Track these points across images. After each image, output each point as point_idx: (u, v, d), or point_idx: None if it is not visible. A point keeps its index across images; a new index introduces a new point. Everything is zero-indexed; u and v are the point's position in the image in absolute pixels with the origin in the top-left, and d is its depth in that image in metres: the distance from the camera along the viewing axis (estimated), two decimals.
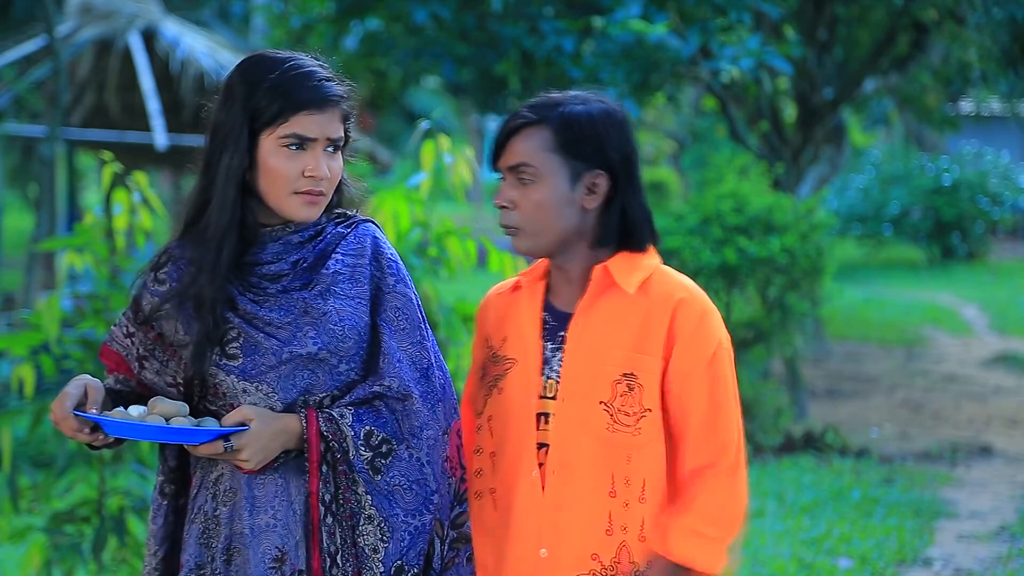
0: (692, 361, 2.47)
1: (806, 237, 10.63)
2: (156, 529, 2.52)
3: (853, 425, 9.61)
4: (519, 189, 2.50)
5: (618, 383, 2.46)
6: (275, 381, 2.43)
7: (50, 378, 4.29)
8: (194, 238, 2.48)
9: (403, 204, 4.29)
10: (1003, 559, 6.40)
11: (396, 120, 27.18)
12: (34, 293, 10.81)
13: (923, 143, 24.37)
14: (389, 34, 11.13)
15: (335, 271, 2.48)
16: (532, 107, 2.51)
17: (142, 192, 4.35)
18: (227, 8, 19.89)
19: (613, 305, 2.50)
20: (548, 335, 2.54)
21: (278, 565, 2.41)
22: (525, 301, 2.58)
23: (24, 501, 4.43)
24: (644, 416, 2.46)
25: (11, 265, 18.33)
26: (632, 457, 2.46)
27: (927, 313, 16.00)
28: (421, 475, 2.45)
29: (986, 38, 10.99)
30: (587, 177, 2.49)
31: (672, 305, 2.48)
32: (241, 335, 2.42)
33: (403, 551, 2.42)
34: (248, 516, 2.43)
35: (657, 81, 9.53)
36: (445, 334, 4.27)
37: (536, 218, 2.49)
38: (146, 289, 2.51)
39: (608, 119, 2.50)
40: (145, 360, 2.50)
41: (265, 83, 2.42)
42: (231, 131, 2.42)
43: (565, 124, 2.48)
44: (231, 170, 2.42)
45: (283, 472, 2.44)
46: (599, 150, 2.48)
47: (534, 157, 2.48)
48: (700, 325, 2.49)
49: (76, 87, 12.96)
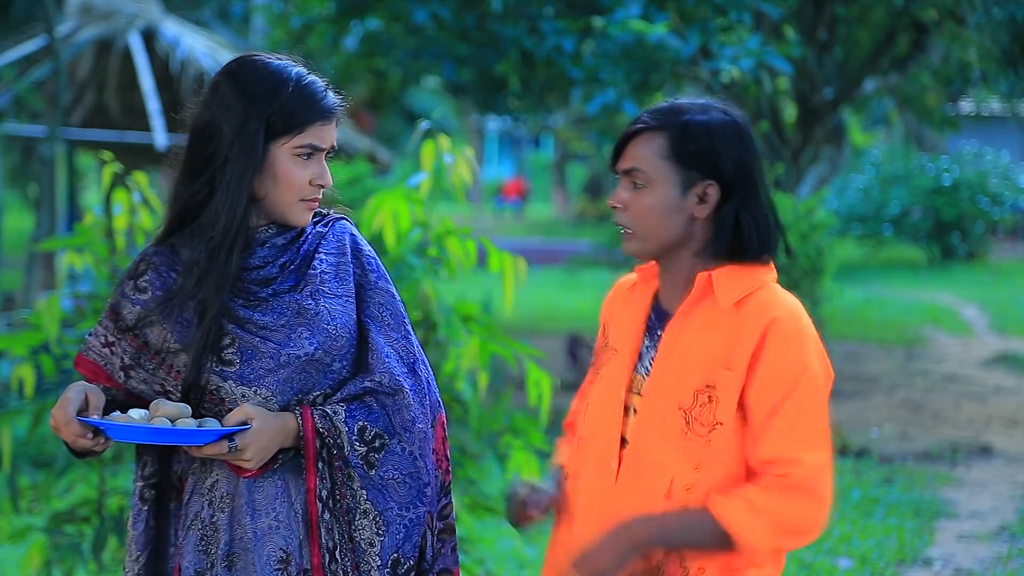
0: (771, 380, 2.43)
1: (806, 237, 10.64)
2: (137, 535, 2.52)
3: (853, 425, 9.61)
4: (631, 192, 2.53)
5: (700, 392, 2.47)
6: (273, 384, 2.44)
7: (50, 378, 4.29)
8: (185, 242, 2.47)
9: (403, 204, 4.28)
10: (1003, 559, 6.40)
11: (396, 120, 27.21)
12: (34, 293, 10.81)
13: (923, 143, 24.39)
14: (389, 34, 11.13)
15: (321, 271, 2.50)
16: (654, 113, 2.54)
17: (142, 192, 4.35)
18: (227, 8, 19.88)
19: (708, 314, 2.50)
20: (648, 332, 2.58)
21: (283, 566, 2.43)
22: (636, 296, 2.63)
23: (24, 501, 4.43)
24: (715, 429, 2.46)
25: (11, 265, 18.33)
26: (701, 466, 2.46)
27: (927, 313, 16.00)
28: (414, 468, 2.48)
29: (986, 38, 10.99)
30: (698, 186, 2.50)
31: (764, 323, 2.46)
32: (236, 341, 2.43)
33: (399, 544, 2.46)
34: (250, 521, 2.43)
35: (657, 81, 9.53)
36: (445, 334, 4.27)
37: (644, 222, 2.52)
38: (125, 297, 2.49)
39: (728, 130, 2.51)
40: (131, 369, 2.49)
41: (281, 95, 2.44)
42: (242, 139, 2.42)
43: (682, 133, 2.49)
44: (244, 179, 2.43)
45: (281, 473, 2.45)
46: (713, 160, 2.49)
47: (647, 163, 2.51)
48: (789, 347, 2.45)
49: (76, 87, 12.96)
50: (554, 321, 15.26)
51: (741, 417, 2.46)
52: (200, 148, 2.46)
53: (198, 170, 2.46)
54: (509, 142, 45.84)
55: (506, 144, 46.67)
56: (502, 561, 5.94)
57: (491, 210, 37.41)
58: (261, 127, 2.43)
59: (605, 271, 18.63)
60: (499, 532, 6.44)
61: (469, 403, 4.34)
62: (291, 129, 2.44)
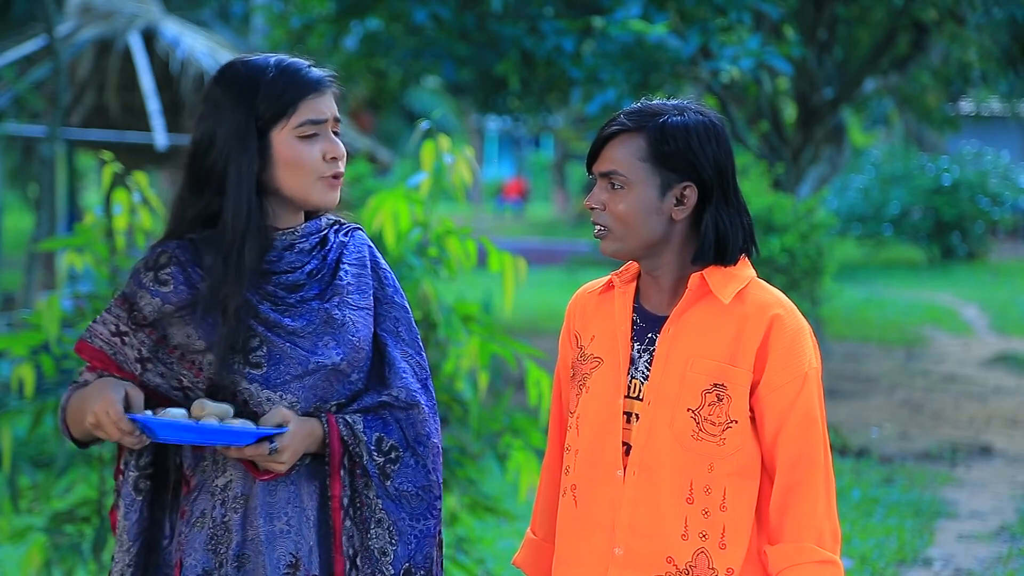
0: (783, 378, 2.48)
1: (806, 237, 10.65)
2: (130, 525, 2.50)
3: (853, 425, 9.61)
4: (609, 193, 2.52)
5: (708, 393, 2.48)
6: (299, 390, 2.44)
7: (50, 378, 4.28)
8: (206, 244, 2.46)
9: (403, 204, 4.28)
10: (1003, 559, 6.41)
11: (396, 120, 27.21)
12: (34, 293, 10.81)
13: (923, 143, 24.39)
14: (389, 34, 11.14)
15: (347, 282, 2.52)
16: (631, 114, 2.53)
17: (142, 192, 4.34)
18: (227, 8, 19.90)
19: (707, 314, 2.51)
20: (636, 336, 2.56)
21: (292, 571, 2.43)
22: (617, 301, 2.60)
23: (24, 501, 4.43)
24: (730, 427, 2.48)
25: (11, 265, 18.33)
26: (715, 466, 2.47)
27: (927, 313, 16.01)
28: (427, 481, 2.52)
29: (986, 38, 11.00)
30: (677, 188, 2.50)
31: (767, 320, 2.49)
32: (264, 344, 2.43)
33: (411, 554, 2.49)
34: (264, 523, 2.44)
35: (657, 81, 9.53)
36: (445, 334, 4.27)
37: (622, 223, 2.51)
38: (143, 288, 2.46)
39: (705, 132, 2.51)
40: (148, 362, 2.47)
41: (262, 83, 2.44)
42: (236, 137, 2.43)
43: (660, 135, 2.49)
44: (244, 176, 2.43)
45: (294, 478, 2.46)
46: (692, 162, 2.49)
47: (626, 165, 2.50)
48: (794, 343, 2.50)
49: (76, 87, 12.96)
50: (554, 321, 15.27)
51: (749, 414, 2.49)
52: (202, 159, 2.47)
53: (204, 181, 2.46)
54: (509, 142, 45.84)
55: (506, 144, 46.67)
56: (502, 561, 5.94)
57: (491, 210, 37.41)
58: (251, 119, 2.43)
59: (605, 271, 18.62)
60: (499, 532, 6.44)
61: (469, 403, 4.34)
62: (284, 111, 2.44)
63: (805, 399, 2.49)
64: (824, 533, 2.49)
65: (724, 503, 2.48)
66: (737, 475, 2.48)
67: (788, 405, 2.48)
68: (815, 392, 2.52)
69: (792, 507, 2.48)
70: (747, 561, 2.50)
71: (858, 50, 12.76)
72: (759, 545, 2.51)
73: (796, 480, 2.49)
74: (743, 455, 2.49)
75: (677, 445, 2.48)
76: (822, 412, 2.53)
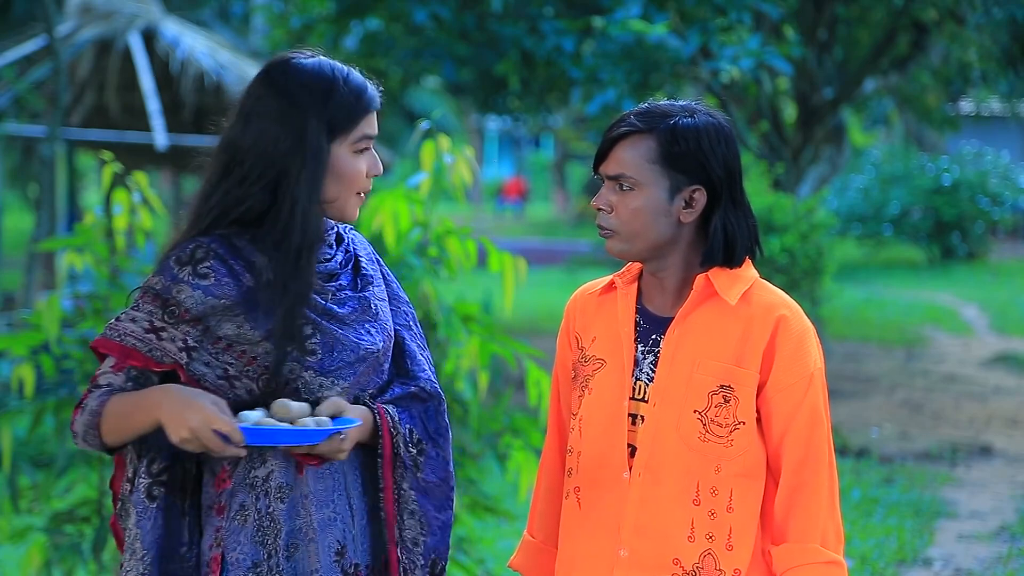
0: (790, 379, 2.49)
1: (806, 237, 10.64)
2: (144, 533, 2.45)
3: (853, 425, 9.62)
4: (617, 194, 2.51)
5: (714, 394, 2.48)
6: (350, 376, 2.47)
7: (50, 378, 4.28)
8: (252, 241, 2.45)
9: (403, 204, 4.29)
10: (1003, 559, 6.41)
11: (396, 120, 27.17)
12: (34, 293, 10.81)
13: (923, 143, 24.39)
14: (389, 34, 11.14)
15: (369, 272, 2.57)
16: (640, 115, 2.51)
17: (142, 192, 4.35)
18: (227, 8, 19.91)
19: (712, 315, 2.51)
20: (640, 337, 2.56)
21: (339, 558, 2.46)
22: (620, 302, 2.59)
23: (24, 501, 4.43)
24: (737, 428, 2.48)
25: (11, 265, 18.34)
26: (722, 468, 2.47)
27: (927, 313, 16.01)
28: (446, 472, 2.57)
29: (986, 38, 11.01)
30: (686, 191, 2.49)
31: (773, 321, 2.49)
32: (317, 331, 2.44)
33: (436, 544, 2.54)
34: (316, 511, 2.45)
35: (657, 81, 9.53)
36: (445, 334, 4.27)
37: (631, 224, 2.50)
38: (181, 282, 2.41)
39: (716, 134, 2.50)
40: (193, 351, 2.44)
41: (334, 93, 2.46)
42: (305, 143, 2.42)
43: (672, 136, 2.47)
44: (316, 184, 2.43)
45: (338, 466, 2.48)
46: (702, 164, 2.48)
47: (635, 167, 2.48)
48: (800, 344, 2.50)
49: (76, 87, 12.96)
50: (554, 321, 15.26)
51: (755, 414, 2.50)
52: (255, 159, 2.43)
53: (250, 180, 2.43)
54: (509, 142, 45.85)
55: (506, 144, 46.67)
56: (502, 561, 5.94)
57: (491, 210, 37.40)
58: (323, 131, 2.44)
59: (605, 271, 18.62)
60: (499, 532, 6.44)
61: (469, 403, 4.34)
62: (349, 125, 2.46)
63: (811, 399, 2.50)
64: (828, 533, 2.49)
65: (731, 504, 2.48)
66: (743, 476, 2.48)
67: (795, 405, 2.49)
68: (820, 392, 2.52)
69: (798, 507, 2.48)
70: (751, 561, 2.50)
71: (858, 50, 12.76)
72: (763, 545, 2.51)
73: (802, 480, 2.49)
74: (750, 456, 2.49)
75: (684, 447, 2.48)
76: (827, 412, 2.53)
